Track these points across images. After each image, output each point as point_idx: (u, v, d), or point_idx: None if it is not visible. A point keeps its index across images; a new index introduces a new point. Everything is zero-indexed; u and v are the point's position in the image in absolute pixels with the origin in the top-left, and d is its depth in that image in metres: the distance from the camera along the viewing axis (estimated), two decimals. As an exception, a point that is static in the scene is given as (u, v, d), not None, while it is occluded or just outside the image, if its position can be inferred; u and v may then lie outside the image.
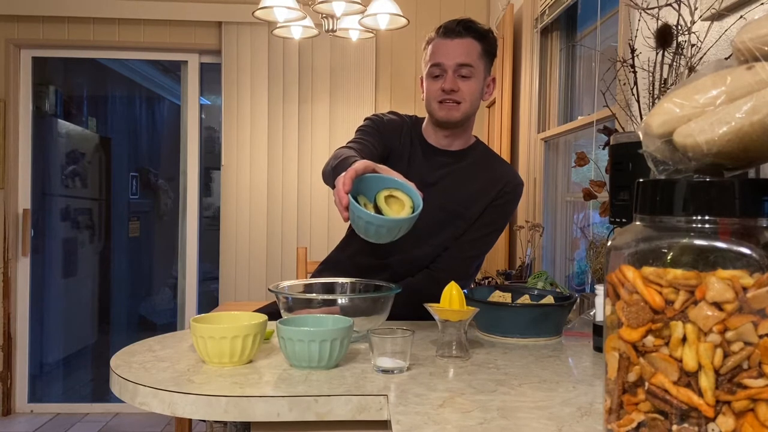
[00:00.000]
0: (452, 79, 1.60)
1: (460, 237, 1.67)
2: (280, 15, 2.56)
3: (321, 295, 1.45)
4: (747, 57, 0.62)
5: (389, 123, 1.72)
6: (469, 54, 1.61)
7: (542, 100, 2.89)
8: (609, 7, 2.21)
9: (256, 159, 3.55)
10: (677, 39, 1.21)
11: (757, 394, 0.56)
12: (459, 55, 1.60)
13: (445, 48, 1.62)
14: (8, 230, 3.56)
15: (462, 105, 1.62)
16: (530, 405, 0.90)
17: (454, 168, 1.69)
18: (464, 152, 1.71)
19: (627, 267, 0.62)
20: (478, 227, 1.67)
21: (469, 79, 1.61)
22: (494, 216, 1.69)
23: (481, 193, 1.67)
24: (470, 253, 1.69)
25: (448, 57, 1.61)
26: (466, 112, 1.63)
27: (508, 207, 1.71)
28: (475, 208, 1.66)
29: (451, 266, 1.65)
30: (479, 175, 1.68)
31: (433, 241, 1.66)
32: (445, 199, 1.65)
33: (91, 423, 3.53)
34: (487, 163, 1.72)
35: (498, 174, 1.70)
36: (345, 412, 0.94)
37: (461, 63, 1.60)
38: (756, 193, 0.60)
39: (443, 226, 1.66)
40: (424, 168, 1.68)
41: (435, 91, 1.63)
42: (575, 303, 1.48)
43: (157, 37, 3.60)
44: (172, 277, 4.29)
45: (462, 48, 1.61)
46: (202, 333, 1.08)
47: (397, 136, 1.70)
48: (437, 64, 1.62)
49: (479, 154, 1.73)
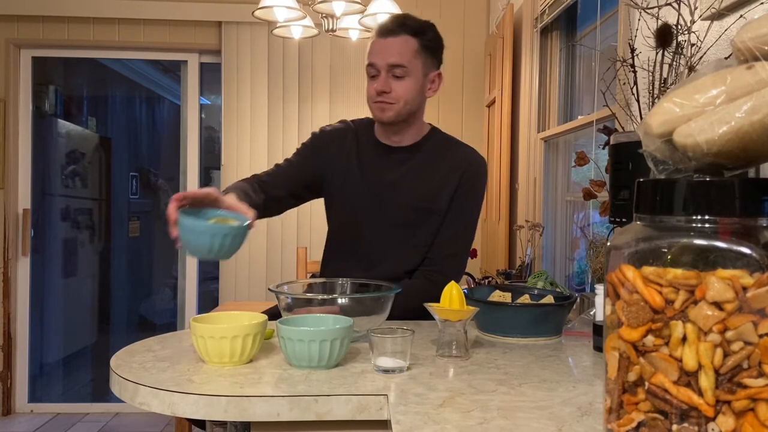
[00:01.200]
0: (385, 80, 1.59)
1: (440, 233, 1.65)
2: (280, 15, 2.56)
3: (321, 295, 1.45)
4: (747, 56, 0.62)
5: (329, 134, 1.74)
6: (402, 53, 1.59)
7: (542, 100, 2.89)
8: (609, 6, 2.21)
9: (256, 159, 3.55)
10: (677, 38, 1.21)
11: (757, 393, 0.55)
12: (391, 55, 1.58)
13: (379, 47, 1.60)
14: (8, 230, 3.56)
15: (395, 106, 1.60)
16: (530, 405, 0.90)
17: (411, 163, 1.67)
18: (418, 145, 1.69)
19: (627, 267, 0.62)
20: (454, 219, 1.65)
21: (402, 79, 1.60)
22: (466, 202, 1.67)
23: (444, 183, 1.65)
24: (457, 249, 1.67)
25: (381, 57, 1.59)
26: (398, 111, 1.61)
27: (476, 188, 1.69)
28: (442, 199, 1.64)
29: (442, 265, 1.63)
30: (439, 165, 1.67)
31: (415, 241, 1.65)
32: (410, 197, 1.65)
33: (91, 423, 3.53)
34: (444, 151, 1.69)
35: (457, 159, 1.68)
36: (345, 411, 0.94)
37: (393, 63, 1.58)
38: (756, 193, 0.60)
39: (417, 225, 1.65)
40: (380, 167, 1.68)
41: (371, 91, 1.62)
42: (575, 303, 1.47)
43: (157, 37, 3.60)
44: (172, 277, 4.29)
45: (395, 47, 1.59)
46: (202, 333, 1.08)
47: (339, 145, 1.71)
48: (371, 64, 1.61)
49: (435, 143, 1.71)
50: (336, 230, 1.77)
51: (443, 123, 3.61)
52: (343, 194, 1.70)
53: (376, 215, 1.66)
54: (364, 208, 1.67)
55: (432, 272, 1.63)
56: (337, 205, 1.73)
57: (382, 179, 1.67)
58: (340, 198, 1.71)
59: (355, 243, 1.69)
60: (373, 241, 1.66)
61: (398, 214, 1.65)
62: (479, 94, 3.67)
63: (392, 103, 1.60)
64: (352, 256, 1.68)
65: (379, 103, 1.61)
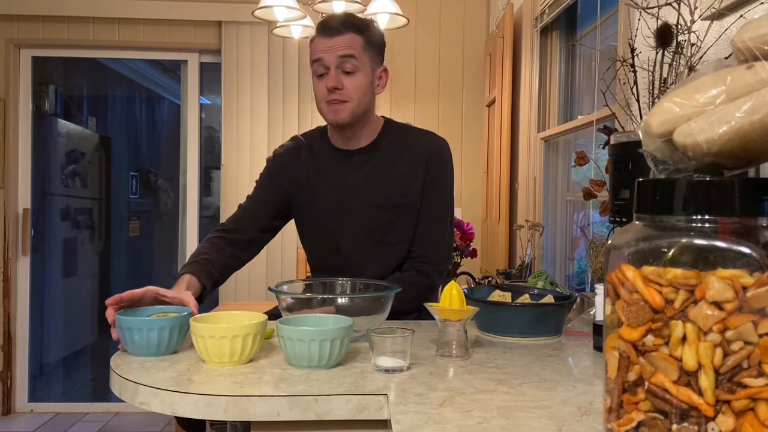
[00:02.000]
0: (335, 75, 1.55)
1: (419, 224, 1.63)
2: (280, 14, 2.57)
3: (321, 295, 1.45)
4: (747, 56, 0.62)
5: (283, 155, 1.73)
6: (351, 46, 1.55)
7: (542, 100, 2.89)
8: (609, 6, 2.21)
9: (256, 159, 3.55)
10: (677, 38, 1.21)
11: (757, 393, 0.55)
12: (339, 48, 1.54)
13: (326, 44, 1.56)
14: (8, 230, 3.56)
15: (348, 104, 1.56)
16: (530, 404, 0.90)
17: (373, 162, 1.64)
18: (376, 142, 1.66)
19: (627, 266, 0.62)
20: (429, 207, 1.63)
21: (353, 74, 1.56)
22: (437, 188, 1.64)
23: (411, 174, 1.63)
24: (438, 236, 1.65)
25: (329, 51, 1.55)
26: (353, 111, 1.57)
27: (444, 172, 1.66)
28: (412, 192, 1.62)
29: (428, 256, 1.62)
30: (401, 158, 1.64)
31: (395, 239, 1.63)
32: (380, 196, 1.62)
33: (91, 423, 3.53)
34: (403, 142, 1.66)
35: (418, 148, 1.65)
36: (345, 411, 0.94)
37: (343, 55, 1.54)
38: (756, 193, 0.60)
39: (393, 223, 1.63)
40: (341, 175, 1.65)
41: (321, 90, 1.58)
42: (575, 302, 1.47)
43: (157, 36, 3.60)
44: (172, 277, 4.29)
45: (341, 42, 1.55)
46: (202, 333, 1.08)
47: (295, 162, 1.69)
48: (318, 59, 1.57)
49: (391, 138, 1.67)
50: (313, 247, 1.75)
51: (443, 123, 3.63)
52: (311, 210, 1.68)
53: (349, 223, 1.64)
54: (335, 219, 1.64)
55: (419, 263, 1.62)
56: (308, 222, 1.71)
57: (347, 185, 1.64)
58: (309, 214, 1.69)
59: (334, 255, 1.67)
60: (352, 249, 1.64)
61: (371, 217, 1.62)
62: (479, 94, 3.67)
63: (345, 102, 1.56)
64: (334, 268, 1.66)
65: (332, 103, 1.56)
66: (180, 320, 1.18)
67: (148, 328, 1.14)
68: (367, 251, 1.64)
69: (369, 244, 1.63)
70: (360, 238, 1.63)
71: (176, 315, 1.19)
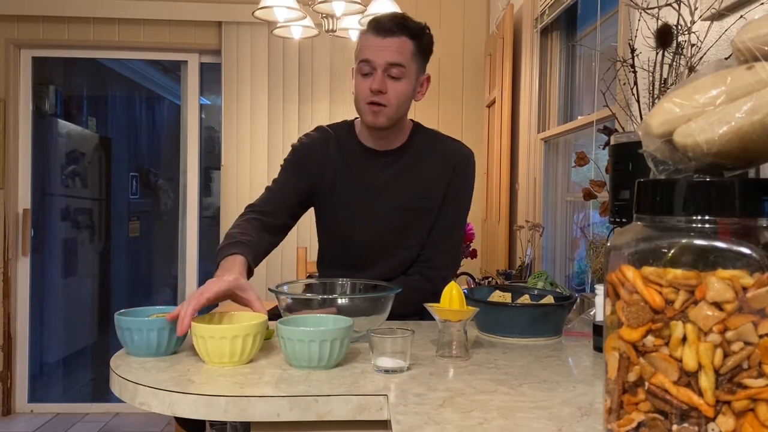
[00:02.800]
0: (381, 79, 1.53)
1: (433, 229, 1.64)
2: (280, 15, 2.56)
3: (321, 295, 1.45)
4: (747, 57, 0.62)
5: (309, 145, 1.68)
6: (401, 53, 1.54)
7: (542, 100, 2.89)
8: (609, 7, 2.21)
9: (256, 159, 3.55)
10: (677, 39, 1.21)
11: (757, 393, 0.55)
12: (390, 54, 1.53)
13: (377, 45, 1.54)
14: (8, 230, 3.56)
15: (387, 109, 1.55)
16: (530, 405, 0.90)
17: (399, 166, 1.65)
18: (405, 145, 1.66)
19: (627, 267, 0.62)
20: (448, 213, 1.64)
21: (399, 80, 1.54)
22: (457, 197, 1.66)
23: (435, 180, 1.63)
24: (449, 242, 1.67)
25: (379, 55, 1.53)
26: (391, 116, 1.56)
27: (467, 182, 1.68)
28: (434, 197, 1.63)
29: (436, 261, 1.63)
30: (427, 162, 1.64)
31: (409, 241, 1.64)
32: (402, 199, 1.63)
33: (91, 423, 3.53)
34: (431, 148, 1.67)
35: (446, 154, 1.65)
36: (345, 412, 0.94)
37: (392, 62, 1.53)
38: (756, 193, 0.60)
39: (410, 226, 1.64)
40: (368, 174, 1.64)
41: (364, 90, 1.56)
42: (575, 303, 1.47)
43: (157, 37, 3.60)
44: (172, 277, 4.29)
45: (394, 46, 1.53)
46: (202, 333, 1.08)
47: (323, 153, 1.66)
48: (367, 60, 1.54)
49: (421, 143, 1.67)
50: (327, 238, 1.75)
51: (443, 123, 3.62)
52: (332, 204, 1.67)
53: (368, 221, 1.64)
54: (354, 215, 1.65)
55: (425, 268, 1.63)
56: (327, 215, 1.70)
57: (372, 185, 1.64)
58: (329, 207, 1.68)
59: (347, 249, 1.67)
60: (366, 246, 1.65)
61: (391, 218, 1.63)
62: (479, 94, 3.67)
63: (385, 106, 1.55)
64: (344, 261, 1.67)
65: (373, 105, 1.55)
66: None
67: (148, 329, 1.14)
68: (381, 250, 1.64)
69: (383, 243, 1.64)
70: (376, 236, 1.64)
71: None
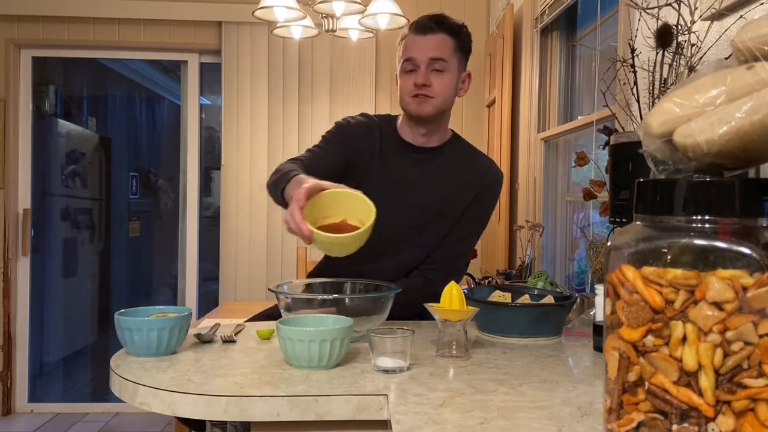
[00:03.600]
0: (425, 73, 1.58)
1: (447, 235, 1.66)
2: (280, 15, 2.56)
3: (321, 295, 1.45)
4: (747, 57, 0.62)
5: (355, 126, 1.70)
6: (442, 48, 1.60)
7: (542, 100, 2.89)
8: (609, 7, 2.21)
9: (256, 159, 3.55)
10: (677, 39, 1.21)
11: (757, 393, 0.55)
12: (431, 49, 1.59)
13: (418, 43, 1.60)
14: (8, 230, 3.56)
15: (434, 100, 1.60)
16: (530, 405, 0.90)
17: (432, 165, 1.67)
18: (442, 148, 1.70)
19: (627, 267, 0.62)
20: (463, 224, 1.66)
21: (442, 73, 1.60)
22: (478, 212, 1.68)
23: (462, 190, 1.65)
24: (459, 251, 1.69)
25: (421, 51, 1.59)
26: (438, 106, 1.61)
27: (491, 201, 1.71)
28: (458, 206, 1.65)
29: (441, 265, 1.65)
30: (459, 171, 1.67)
31: (421, 241, 1.65)
32: (427, 199, 1.64)
33: (91, 423, 3.53)
34: (466, 158, 1.70)
35: (478, 169, 1.68)
36: (345, 412, 0.94)
37: (434, 57, 1.59)
38: (756, 193, 0.60)
39: (429, 226, 1.65)
40: (401, 167, 1.66)
41: (408, 86, 1.61)
42: (575, 303, 1.47)
43: (157, 37, 3.60)
44: (172, 277, 4.29)
45: (434, 42, 1.60)
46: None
47: (364, 139, 1.68)
48: (410, 58, 1.60)
49: (457, 149, 1.71)
50: None
51: (443, 123, 3.62)
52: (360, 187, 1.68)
53: (389, 212, 1.64)
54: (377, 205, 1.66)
55: (430, 271, 1.64)
56: None
57: (401, 178, 1.66)
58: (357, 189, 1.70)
59: None
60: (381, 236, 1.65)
61: (411, 214, 1.64)
62: (479, 94, 3.67)
63: (432, 97, 1.59)
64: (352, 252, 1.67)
65: (418, 97, 1.59)
66: (180, 320, 1.18)
67: (148, 329, 1.14)
68: (393, 244, 1.65)
69: (397, 238, 1.65)
70: (391, 229, 1.64)
71: (176, 315, 1.19)
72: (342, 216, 1.27)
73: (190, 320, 1.22)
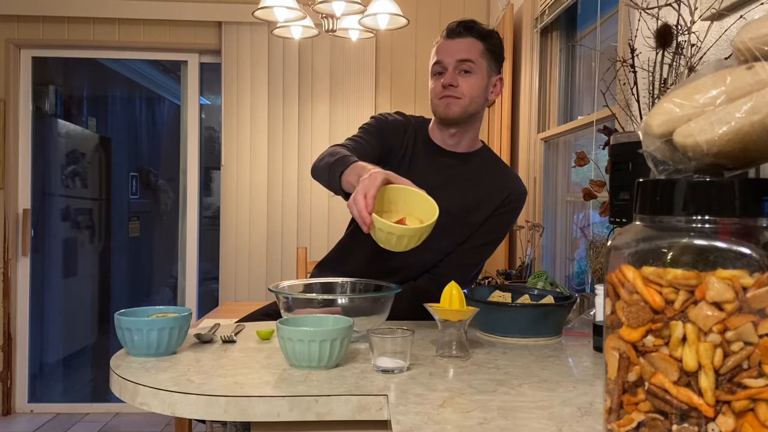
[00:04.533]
0: (452, 74, 1.61)
1: (463, 243, 1.66)
2: (280, 15, 2.56)
3: (321, 295, 1.45)
4: (747, 57, 0.62)
5: (393, 123, 1.72)
6: (470, 51, 1.62)
7: (542, 100, 2.89)
8: (609, 7, 2.21)
9: (256, 159, 3.55)
10: (677, 39, 1.21)
11: (757, 393, 0.55)
12: (459, 52, 1.61)
13: (447, 47, 1.64)
14: (8, 230, 3.56)
15: (461, 100, 1.61)
16: (530, 405, 0.90)
17: (459, 171, 1.68)
18: (470, 155, 1.70)
19: (627, 267, 0.62)
20: (480, 235, 1.66)
21: (469, 74, 1.61)
22: (497, 224, 1.68)
23: (485, 200, 1.66)
24: (471, 260, 1.69)
25: (449, 54, 1.62)
26: (465, 107, 1.62)
27: (511, 216, 1.71)
28: (479, 215, 1.65)
29: (451, 272, 1.63)
30: (484, 181, 1.67)
31: (436, 245, 1.63)
32: (449, 203, 1.62)
33: (91, 423, 3.53)
34: (492, 170, 1.71)
35: (503, 182, 1.69)
36: (345, 412, 0.94)
37: (461, 59, 1.61)
38: (756, 193, 0.60)
39: (447, 232, 1.63)
40: (428, 169, 1.67)
41: (436, 87, 1.63)
42: (575, 303, 1.47)
43: (157, 37, 3.60)
44: (172, 277, 4.29)
45: (462, 45, 1.62)
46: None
47: (400, 137, 1.69)
48: (438, 62, 1.64)
49: (485, 159, 1.72)
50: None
51: (443, 123, 3.62)
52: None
53: None
54: None
55: (440, 276, 1.63)
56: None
57: (426, 180, 1.63)
58: None
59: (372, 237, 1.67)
60: None
61: None
62: (479, 94, 3.67)
63: (459, 98, 1.61)
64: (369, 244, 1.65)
65: (446, 98, 1.61)
66: (180, 320, 1.18)
67: (148, 329, 1.14)
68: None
69: None
70: None
71: (176, 315, 1.19)
72: (402, 214, 1.28)
73: (190, 320, 1.22)
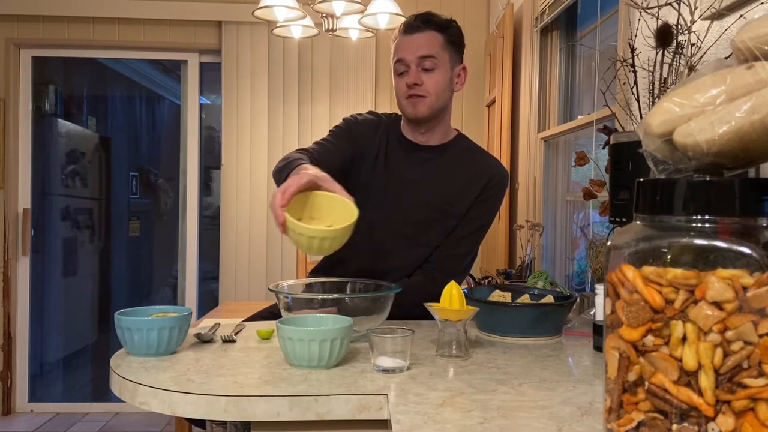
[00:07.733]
0: (415, 72, 1.60)
1: (450, 234, 1.66)
2: (280, 14, 2.56)
3: (321, 295, 1.45)
4: (747, 56, 0.62)
5: (363, 123, 1.71)
6: (431, 45, 1.60)
7: (542, 100, 2.89)
8: (609, 6, 2.21)
9: (256, 159, 3.55)
10: (677, 38, 1.21)
11: (757, 393, 0.55)
12: (419, 48, 1.60)
13: (406, 43, 1.62)
14: (8, 230, 3.56)
15: (427, 99, 1.60)
16: (530, 404, 0.90)
17: (435, 163, 1.67)
18: (445, 146, 1.70)
19: (627, 266, 0.62)
20: (467, 223, 1.66)
21: (432, 71, 1.60)
22: (482, 211, 1.68)
23: (466, 188, 1.65)
24: (462, 250, 1.68)
25: (409, 51, 1.60)
26: (431, 105, 1.61)
27: (495, 200, 1.70)
28: (462, 204, 1.65)
29: (444, 265, 1.64)
30: (463, 170, 1.67)
31: (424, 240, 1.65)
32: (431, 197, 1.64)
33: (91, 423, 3.53)
34: (470, 157, 1.70)
35: (482, 167, 1.68)
36: (345, 411, 0.94)
37: (422, 55, 1.59)
38: (756, 193, 0.60)
39: (433, 225, 1.65)
40: (404, 165, 1.67)
41: (401, 87, 1.63)
42: (575, 302, 1.47)
43: (157, 36, 3.60)
44: (172, 277, 4.29)
45: (422, 41, 1.60)
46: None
47: (372, 136, 1.69)
48: (400, 59, 1.62)
49: (461, 148, 1.72)
50: None
51: (443, 123, 3.62)
52: (364, 186, 1.67)
53: (393, 211, 1.65)
54: (380, 203, 1.66)
55: (432, 270, 1.64)
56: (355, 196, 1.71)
57: (404, 177, 1.66)
58: (360, 189, 1.68)
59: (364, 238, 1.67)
60: (385, 235, 1.66)
61: (415, 213, 1.65)
62: (479, 94, 3.67)
63: (424, 96, 1.60)
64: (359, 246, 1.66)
65: (412, 98, 1.61)
66: (180, 320, 1.18)
67: (148, 328, 1.14)
68: (397, 243, 1.65)
69: (401, 236, 1.65)
70: (395, 228, 1.65)
71: (176, 315, 1.19)
72: (328, 222, 1.24)
73: (190, 320, 1.22)
